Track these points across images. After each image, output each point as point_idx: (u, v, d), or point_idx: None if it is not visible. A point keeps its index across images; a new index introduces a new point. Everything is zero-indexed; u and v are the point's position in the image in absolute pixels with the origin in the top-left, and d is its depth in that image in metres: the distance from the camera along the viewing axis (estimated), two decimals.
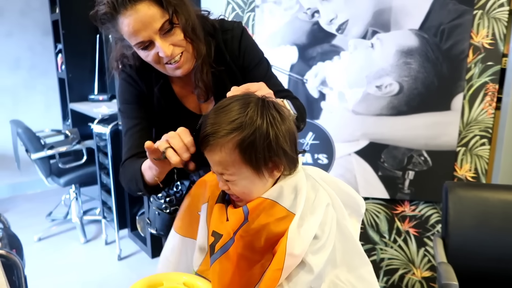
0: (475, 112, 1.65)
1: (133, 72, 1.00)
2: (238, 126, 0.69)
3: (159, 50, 0.87)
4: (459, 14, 1.55)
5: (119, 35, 0.89)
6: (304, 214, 0.72)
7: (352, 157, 1.76)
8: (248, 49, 1.02)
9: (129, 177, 0.94)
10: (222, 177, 0.74)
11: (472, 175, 1.70)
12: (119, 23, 0.85)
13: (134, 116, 1.01)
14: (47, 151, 2.49)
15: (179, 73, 0.94)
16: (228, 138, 0.69)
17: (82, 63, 3.30)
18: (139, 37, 0.85)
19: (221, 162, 0.72)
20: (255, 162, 0.71)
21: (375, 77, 1.65)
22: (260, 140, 0.69)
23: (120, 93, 1.03)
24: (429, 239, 1.81)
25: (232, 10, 1.72)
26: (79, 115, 3.22)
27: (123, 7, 0.83)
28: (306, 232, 0.70)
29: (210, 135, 0.70)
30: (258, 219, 0.72)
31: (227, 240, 0.73)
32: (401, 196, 1.77)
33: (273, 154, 0.71)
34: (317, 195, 0.76)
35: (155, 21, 0.85)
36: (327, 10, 1.62)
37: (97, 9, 0.86)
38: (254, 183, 0.73)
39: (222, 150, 0.70)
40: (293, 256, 0.68)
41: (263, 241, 0.72)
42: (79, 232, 2.77)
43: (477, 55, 1.59)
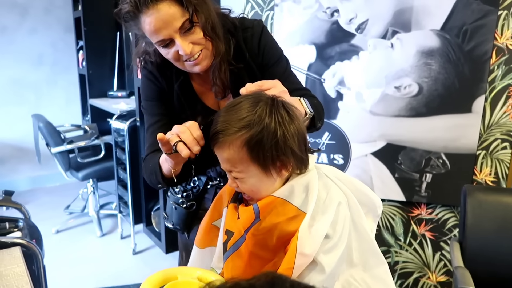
0: (497, 115, 1.61)
1: (154, 69, 1.02)
2: (247, 124, 0.70)
3: (179, 49, 0.89)
4: (483, 14, 1.51)
5: (141, 33, 0.92)
6: (315, 213, 0.72)
7: (369, 158, 1.74)
8: (268, 47, 1.03)
9: (149, 171, 0.97)
10: (230, 174, 0.75)
11: (492, 179, 1.66)
12: (141, 21, 0.87)
13: (156, 112, 1.03)
14: (67, 145, 2.55)
15: (197, 70, 0.95)
16: (237, 135, 0.70)
17: (102, 60, 3.37)
18: (160, 36, 0.87)
19: (230, 160, 0.73)
20: (262, 161, 0.71)
21: (394, 78, 1.63)
22: (267, 139, 0.70)
23: (142, 89, 1.06)
24: (445, 243, 1.78)
25: (252, 9, 1.73)
26: (98, 110, 3.29)
27: (145, 6, 0.85)
28: (317, 232, 0.70)
29: (219, 132, 0.72)
30: (270, 218, 0.72)
31: (238, 237, 0.74)
32: (417, 199, 1.74)
33: (281, 153, 0.71)
34: (328, 194, 0.76)
35: (175, 20, 0.86)
36: (347, 10, 1.61)
37: (121, 8, 0.88)
38: (262, 181, 0.74)
39: (231, 147, 0.71)
40: (304, 255, 0.68)
41: (275, 240, 0.72)
42: (95, 226, 2.82)
43: (500, 57, 1.55)
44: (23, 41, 3.42)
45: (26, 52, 3.46)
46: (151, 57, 1.01)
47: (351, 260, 0.73)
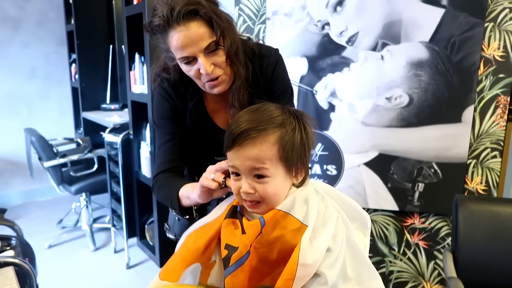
0: (486, 124, 1.63)
1: (169, 88, 1.05)
2: (281, 122, 0.73)
3: (201, 67, 0.92)
4: (470, 26, 1.55)
5: (166, 47, 0.95)
6: (316, 227, 0.73)
7: (362, 168, 1.75)
8: (279, 77, 1.08)
9: (164, 195, 1.00)
10: (251, 175, 0.73)
11: (483, 188, 1.68)
12: (169, 36, 0.90)
13: (168, 131, 1.06)
14: (60, 159, 2.53)
15: (216, 91, 0.99)
16: (271, 131, 0.72)
17: (95, 73, 3.37)
18: (184, 52, 0.90)
19: (260, 156, 0.72)
20: (290, 159, 0.73)
21: (385, 89, 1.66)
22: (297, 138, 0.73)
23: (156, 107, 1.08)
24: (439, 252, 1.78)
25: (243, 22, 1.75)
26: (91, 123, 3.28)
27: (176, 23, 0.88)
28: (319, 244, 0.70)
29: (251, 129, 0.72)
30: (273, 231, 0.72)
31: (244, 252, 0.73)
32: (410, 208, 1.75)
33: (304, 155, 0.75)
34: (327, 208, 0.77)
35: (203, 40, 0.90)
36: (338, 23, 1.64)
37: (151, 20, 0.92)
38: (284, 183, 0.75)
39: (263, 143, 0.72)
40: (305, 266, 0.68)
41: (276, 253, 0.72)
42: (88, 240, 2.79)
43: (488, 67, 1.59)
44: (16, 54, 3.42)
45: (19, 65, 3.45)
46: (170, 73, 1.04)
47: (345, 275, 0.74)
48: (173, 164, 1.04)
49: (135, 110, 2.34)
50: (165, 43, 0.93)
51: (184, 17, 0.87)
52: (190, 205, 0.93)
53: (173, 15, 0.87)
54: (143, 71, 2.23)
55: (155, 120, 1.09)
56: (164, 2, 0.89)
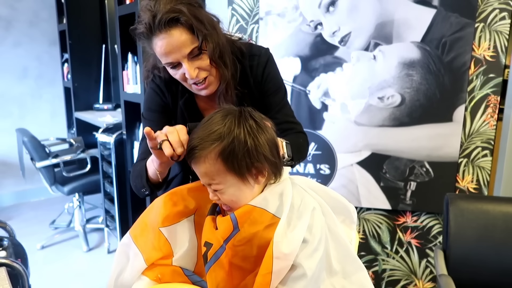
0: (476, 124, 1.65)
1: (162, 84, 1.07)
2: (218, 137, 0.74)
3: (186, 72, 0.94)
4: (461, 27, 1.57)
5: (152, 52, 0.97)
6: (290, 219, 0.74)
7: (354, 167, 1.77)
8: (270, 76, 1.09)
9: (136, 174, 0.99)
10: (210, 187, 0.77)
11: (474, 187, 1.70)
12: (153, 43, 0.92)
13: (155, 123, 1.05)
14: (52, 159, 2.51)
15: (204, 94, 1.01)
16: (210, 149, 0.74)
17: (88, 73, 3.35)
18: (168, 58, 0.92)
19: (207, 173, 0.75)
20: (238, 169, 0.74)
21: (378, 89, 1.67)
22: (239, 148, 0.73)
23: (146, 100, 1.10)
24: (431, 250, 1.80)
25: (236, 22, 1.75)
26: (84, 123, 3.26)
27: (158, 30, 0.89)
28: (294, 236, 0.71)
29: (194, 148, 0.75)
30: (248, 228, 0.73)
31: (218, 248, 0.74)
32: (403, 207, 1.77)
33: (254, 160, 0.74)
34: (303, 201, 0.78)
35: (185, 46, 0.91)
36: (330, 23, 1.65)
37: (136, 27, 0.93)
38: (241, 190, 0.76)
39: (206, 161, 0.74)
40: (281, 258, 0.69)
41: (255, 250, 0.73)
42: (81, 241, 2.78)
43: (478, 67, 1.61)
44: (7, 54, 3.38)
45: (10, 65, 3.42)
46: (160, 72, 1.06)
47: (330, 269, 0.75)
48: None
49: (128, 110, 2.33)
50: (151, 49, 0.95)
51: (166, 25, 0.88)
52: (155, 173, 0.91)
53: (155, 22, 0.88)
54: (136, 71, 2.23)
55: (144, 112, 1.10)
56: (147, 9, 0.89)
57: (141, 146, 1.06)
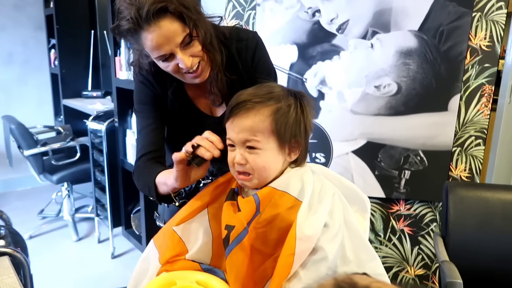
0: (471, 113, 1.67)
1: (149, 76, 1.04)
2: (276, 97, 0.75)
3: (180, 62, 0.91)
4: (458, 16, 1.57)
5: (140, 48, 0.93)
6: (311, 203, 0.74)
7: (350, 156, 1.77)
8: (261, 61, 1.06)
9: (142, 183, 0.99)
10: (244, 146, 0.76)
11: (466, 175, 1.72)
12: (142, 38, 0.87)
13: (149, 116, 1.04)
14: (41, 147, 2.46)
15: (198, 81, 0.98)
16: (265, 104, 0.75)
17: (76, 59, 3.27)
18: (161, 51, 0.89)
19: (252, 128, 0.74)
20: (283, 134, 0.75)
21: (374, 77, 1.67)
22: (292, 115, 0.75)
23: (136, 93, 1.07)
24: (423, 237, 1.83)
25: (233, 8, 1.72)
26: (72, 111, 3.19)
27: (146, 23, 0.85)
28: (316, 219, 0.72)
29: (247, 101, 0.75)
30: (269, 209, 0.73)
31: (241, 230, 0.74)
32: (397, 195, 1.78)
33: (299, 132, 0.76)
34: (323, 186, 0.78)
35: (177, 35, 0.88)
36: (328, 10, 1.63)
37: (119, 24, 0.88)
38: (275, 158, 0.76)
39: (257, 115, 0.74)
40: (304, 240, 0.69)
41: (275, 232, 0.72)
42: (71, 230, 2.74)
43: (474, 57, 1.61)
44: None
45: None
46: (146, 66, 1.03)
47: (344, 258, 0.75)
48: (154, 147, 1.02)
49: (121, 97, 2.29)
50: (139, 45, 0.91)
51: (154, 16, 0.84)
52: (168, 192, 0.92)
53: (142, 15, 0.84)
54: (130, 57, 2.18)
55: (135, 106, 1.08)
56: (128, 3, 0.85)
57: (141, 139, 1.04)
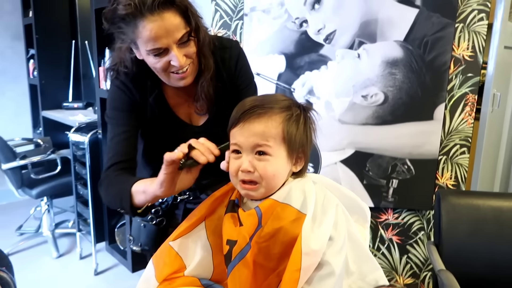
0: (455, 122, 1.70)
1: (127, 80, 0.99)
2: (288, 105, 0.75)
3: (173, 59, 0.88)
4: (442, 27, 1.60)
5: (131, 37, 0.88)
6: (315, 215, 0.72)
7: (338, 165, 1.77)
8: (243, 70, 1.06)
9: (113, 193, 0.91)
10: (253, 152, 0.74)
11: (452, 183, 1.74)
12: (140, 25, 0.84)
13: (124, 123, 0.99)
14: (20, 161, 2.37)
15: (182, 84, 0.95)
16: (278, 111, 0.74)
17: (56, 69, 3.19)
18: (157, 43, 0.85)
19: (265, 132, 0.73)
20: (293, 143, 0.74)
21: (361, 87, 1.68)
22: (302, 124, 0.75)
23: (111, 99, 1.01)
24: (411, 246, 1.84)
25: (220, 18, 1.71)
26: (51, 122, 3.10)
27: (149, 12, 0.82)
28: (321, 232, 0.70)
29: (260, 106, 0.73)
30: (271, 223, 0.71)
31: (244, 245, 0.71)
32: (385, 204, 1.79)
33: (305, 143, 0.76)
34: (326, 196, 0.77)
35: (178, 30, 0.86)
36: (315, 20, 1.64)
37: (116, 7, 0.84)
38: (284, 167, 0.75)
39: (269, 121, 0.73)
40: (310, 254, 0.67)
41: (279, 246, 0.70)
42: (51, 246, 2.64)
43: (458, 67, 1.65)
44: None
45: None
46: (127, 67, 0.98)
47: (347, 269, 0.73)
48: (126, 157, 0.96)
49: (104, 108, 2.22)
50: (132, 33, 0.87)
51: (159, 6, 0.82)
52: (145, 203, 0.86)
53: (146, 3, 0.81)
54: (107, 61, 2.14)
55: (108, 112, 1.01)
56: None
57: (112, 147, 0.98)
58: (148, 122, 1.02)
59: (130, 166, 0.97)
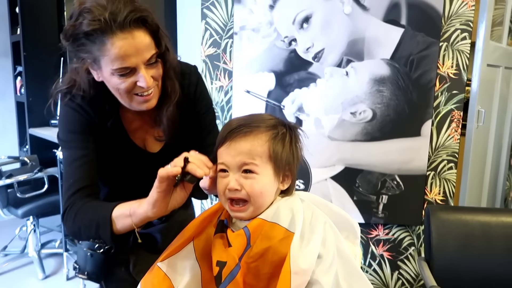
0: (442, 138, 1.73)
1: (84, 103, 0.94)
2: (274, 124, 0.76)
3: (141, 79, 0.85)
4: (427, 45, 1.64)
5: (94, 56, 0.83)
6: (303, 233, 0.72)
7: (328, 182, 1.78)
8: (202, 95, 1.06)
9: (86, 221, 0.86)
10: (240, 171, 0.74)
11: (441, 198, 1.76)
12: (108, 42, 0.80)
13: (83, 146, 0.93)
14: (6, 180, 2.32)
15: (145, 107, 0.91)
16: (264, 129, 0.75)
17: (44, 87, 3.14)
18: (125, 62, 0.82)
19: (251, 151, 0.73)
20: (279, 161, 0.74)
21: (350, 104, 1.70)
22: (288, 142, 0.76)
23: (66, 122, 0.95)
24: (402, 262, 1.84)
25: (210, 36, 1.73)
26: (39, 140, 3.06)
27: (119, 29, 0.79)
28: (309, 250, 0.70)
29: (245, 125, 0.74)
30: (260, 243, 0.70)
31: (233, 266, 0.71)
32: (375, 220, 1.79)
33: (292, 162, 0.76)
34: (313, 214, 0.77)
35: (148, 50, 0.84)
36: (304, 39, 1.67)
37: (81, 23, 0.80)
38: (271, 185, 0.75)
39: (255, 139, 0.74)
40: (299, 273, 0.67)
41: (268, 266, 0.70)
42: (36, 267, 2.57)
43: (443, 84, 1.69)
44: None
45: None
46: (83, 90, 0.92)
47: (337, 286, 0.73)
48: (91, 182, 0.91)
49: None
50: (98, 51, 0.81)
51: (131, 24, 0.80)
52: (129, 228, 0.81)
53: (117, 20, 0.78)
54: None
55: (63, 136, 0.95)
56: (100, 5, 0.79)
57: (73, 173, 0.91)
58: (102, 145, 0.97)
59: (95, 191, 0.92)
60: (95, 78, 0.89)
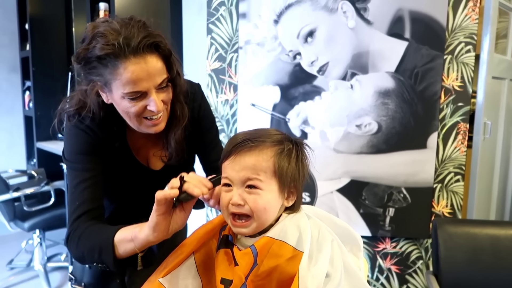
0: (449, 150, 1.72)
1: (93, 125, 0.94)
2: (280, 139, 0.75)
3: (151, 104, 0.85)
4: (431, 58, 1.65)
5: (105, 79, 0.84)
6: (311, 252, 0.71)
7: (334, 195, 1.77)
8: (206, 112, 1.08)
9: (89, 246, 0.85)
10: (243, 186, 0.73)
11: (448, 211, 1.75)
12: (120, 67, 0.81)
13: (90, 168, 0.93)
14: (13, 193, 2.34)
15: (153, 130, 0.91)
16: (270, 145, 0.74)
17: (52, 101, 3.19)
18: (137, 87, 0.83)
19: (256, 166, 0.72)
20: (285, 176, 0.73)
21: (355, 117, 1.71)
22: (294, 158, 0.75)
23: (73, 143, 0.95)
24: (410, 276, 1.81)
25: (216, 51, 1.75)
26: (46, 154, 3.08)
27: (132, 54, 0.80)
28: (318, 270, 0.69)
29: (250, 140, 0.74)
30: (267, 261, 0.70)
31: (240, 285, 0.70)
32: (382, 233, 1.78)
33: (297, 178, 0.75)
34: (320, 232, 0.76)
35: (159, 75, 0.85)
36: (308, 53, 1.68)
37: (94, 46, 0.81)
38: (275, 201, 0.74)
39: (260, 154, 0.73)
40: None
41: (275, 285, 0.69)
42: (42, 281, 2.56)
43: (448, 97, 1.69)
44: None
45: None
46: (93, 112, 0.93)
47: None
48: (96, 204, 0.91)
49: None
50: (110, 75, 0.82)
51: (144, 49, 0.81)
52: (131, 252, 0.81)
53: (131, 45, 0.80)
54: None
55: (70, 157, 0.95)
56: (114, 29, 0.81)
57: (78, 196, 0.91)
58: (108, 164, 0.98)
59: (100, 214, 0.92)
60: (104, 100, 0.90)
